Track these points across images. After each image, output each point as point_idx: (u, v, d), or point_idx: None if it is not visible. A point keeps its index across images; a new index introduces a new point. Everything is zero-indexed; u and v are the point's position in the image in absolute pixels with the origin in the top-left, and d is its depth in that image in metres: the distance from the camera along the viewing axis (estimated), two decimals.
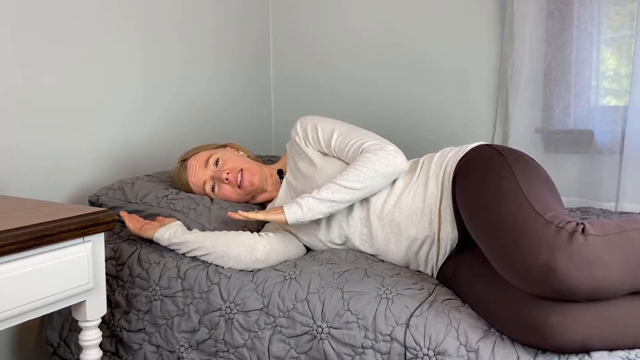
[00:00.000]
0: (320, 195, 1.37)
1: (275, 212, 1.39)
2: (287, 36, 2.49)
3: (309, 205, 1.37)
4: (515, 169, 1.24)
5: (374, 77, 2.32)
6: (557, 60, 1.94)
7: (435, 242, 1.39)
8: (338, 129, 1.52)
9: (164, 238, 1.45)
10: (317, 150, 1.56)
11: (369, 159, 1.40)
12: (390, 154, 1.41)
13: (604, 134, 1.89)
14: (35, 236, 1.06)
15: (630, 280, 1.02)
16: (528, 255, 1.04)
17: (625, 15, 1.87)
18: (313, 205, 1.37)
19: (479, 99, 2.13)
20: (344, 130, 1.51)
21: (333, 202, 1.38)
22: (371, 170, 1.38)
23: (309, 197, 1.37)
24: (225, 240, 1.41)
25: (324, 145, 1.53)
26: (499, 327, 1.12)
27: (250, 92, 2.44)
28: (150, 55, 1.96)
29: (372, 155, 1.40)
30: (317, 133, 1.54)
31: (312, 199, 1.37)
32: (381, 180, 1.41)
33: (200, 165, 1.60)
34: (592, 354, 1.03)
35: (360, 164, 1.39)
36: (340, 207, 1.40)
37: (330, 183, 1.38)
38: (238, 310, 1.32)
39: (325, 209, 1.38)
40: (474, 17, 2.10)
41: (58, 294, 1.12)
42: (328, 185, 1.38)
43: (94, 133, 1.78)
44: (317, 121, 1.55)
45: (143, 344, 1.44)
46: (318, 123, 1.55)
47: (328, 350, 1.22)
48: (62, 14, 1.66)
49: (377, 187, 1.42)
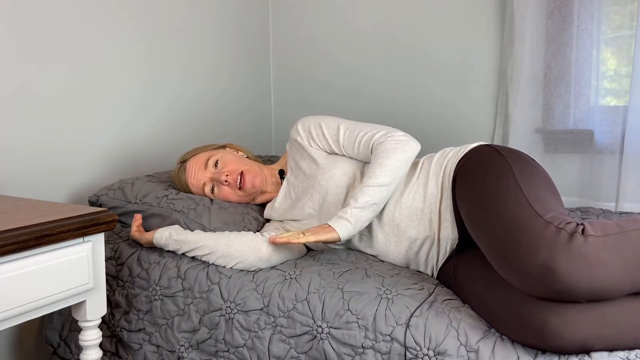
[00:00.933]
0: (361, 203, 1.35)
1: (325, 232, 1.34)
2: (287, 34, 2.49)
3: (356, 216, 1.35)
4: (515, 169, 1.24)
5: (374, 76, 2.32)
6: (557, 60, 1.94)
7: (435, 242, 1.39)
8: (343, 125, 1.52)
9: (164, 236, 1.44)
10: (322, 149, 1.55)
11: (387, 150, 1.40)
12: (403, 139, 1.43)
13: (604, 134, 1.89)
14: (35, 236, 1.06)
15: (630, 281, 1.02)
16: (528, 256, 1.04)
17: (625, 15, 1.87)
18: (358, 215, 1.35)
19: (479, 99, 2.13)
20: (349, 125, 1.52)
21: (374, 205, 1.37)
22: (395, 161, 1.39)
23: (350, 209, 1.35)
24: (228, 241, 1.41)
25: (331, 142, 1.53)
26: (499, 328, 1.12)
27: (250, 90, 2.44)
28: (150, 54, 1.96)
29: (389, 146, 1.41)
30: (322, 131, 1.53)
31: (355, 209, 1.35)
32: (405, 167, 1.41)
33: (199, 167, 1.60)
34: (592, 354, 1.03)
35: (382, 158, 1.40)
36: (380, 207, 1.39)
37: (364, 187, 1.37)
38: (238, 310, 1.32)
39: (369, 214, 1.37)
40: (474, 16, 2.10)
41: (58, 294, 1.12)
42: (362, 190, 1.36)
43: (94, 133, 1.78)
44: (319, 120, 1.55)
45: (143, 344, 1.44)
46: (321, 122, 1.55)
47: (328, 350, 1.22)
48: (61, 14, 1.66)
49: (403, 175, 1.42)
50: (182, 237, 1.43)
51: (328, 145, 1.53)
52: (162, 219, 1.53)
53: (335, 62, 2.39)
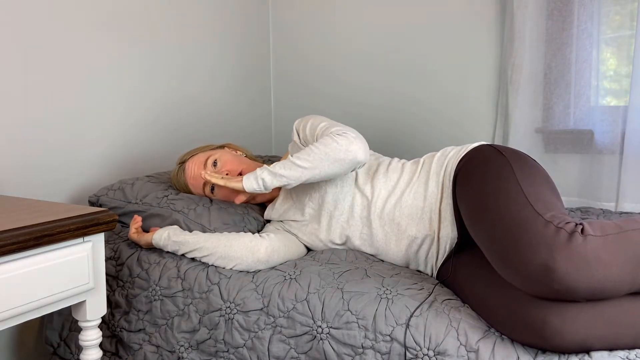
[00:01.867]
0: (274, 169, 1.39)
1: (235, 180, 1.43)
2: (287, 36, 2.49)
3: (263, 176, 1.39)
4: (516, 169, 1.24)
5: (374, 77, 2.32)
6: (557, 60, 1.94)
7: (435, 241, 1.39)
8: (326, 122, 1.51)
9: (163, 237, 1.45)
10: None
11: (324, 141, 1.40)
12: (346, 139, 1.38)
13: (604, 134, 1.89)
14: (35, 236, 1.06)
15: (629, 280, 1.02)
16: (527, 255, 1.04)
17: (625, 15, 1.87)
18: (267, 177, 1.39)
19: (479, 99, 2.13)
20: (331, 124, 1.50)
21: (283, 177, 1.39)
22: (322, 152, 1.38)
23: (265, 169, 1.40)
24: (227, 242, 1.41)
25: (310, 138, 1.51)
26: (499, 327, 1.12)
27: (250, 92, 2.44)
28: (149, 54, 1.96)
29: (328, 139, 1.40)
30: (307, 129, 1.53)
31: (267, 171, 1.40)
32: (332, 165, 1.38)
33: (198, 167, 1.60)
34: (592, 354, 1.03)
35: (315, 145, 1.40)
36: (292, 183, 1.40)
37: (289, 160, 1.40)
38: (238, 311, 1.32)
39: (276, 182, 1.40)
40: (474, 17, 2.10)
41: (58, 294, 1.12)
42: (284, 161, 1.41)
43: (94, 133, 1.78)
44: (310, 118, 1.55)
45: (143, 344, 1.44)
46: (310, 119, 1.54)
47: (328, 350, 1.22)
48: (61, 14, 1.66)
49: (329, 172, 1.39)
50: (180, 239, 1.43)
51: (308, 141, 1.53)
52: (162, 219, 1.53)
53: (335, 64, 2.39)
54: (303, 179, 1.40)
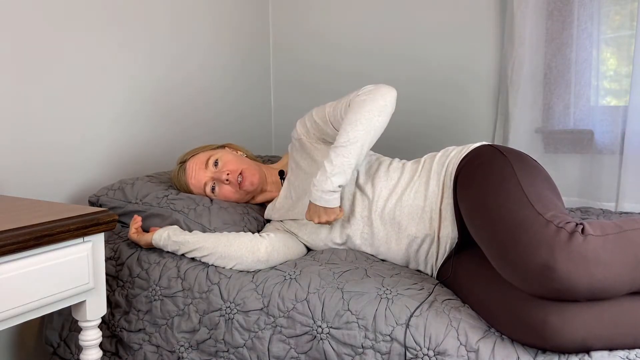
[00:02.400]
0: (336, 165, 1.35)
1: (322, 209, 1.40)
2: (288, 34, 2.49)
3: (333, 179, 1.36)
4: (517, 169, 1.24)
5: (374, 77, 2.31)
6: (557, 60, 1.94)
7: (435, 241, 1.39)
8: (329, 104, 1.51)
9: (163, 237, 1.45)
10: (320, 139, 1.55)
11: (356, 104, 1.39)
12: (371, 89, 1.41)
13: (604, 134, 1.89)
14: (35, 236, 1.06)
15: (629, 280, 1.02)
16: (527, 255, 1.04)
17: (625, 15, 1.87)
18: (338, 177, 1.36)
19: (479, 99, 2.13)
20: (333, 103, 1.51)
21: (345, 164, 1.35)
22: (366, 112, 1.37)
23: (326, 171, 1.36)
24: (227, 242, 1.41)
25: (322, 124, 1.51)
26: (499, 327, 1.12)
27: (250, 92, 2.44)
28: (149, 55, 1.96)
29: (358, 99, 1.39)
30: (313, 118, 1.53)
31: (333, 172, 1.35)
32: (380, 116, 1.37)
33: (199, 167, 1.60)
34: (592, 353, 1.03)
35: (350, 115, 1.38)
36: (354, 162, 1.36)
37: (336, 148, 1.36)
38: (238, 311, 1.32)
39: (349, 171, 1.36)
40: (474, 17, 2.10)
41: (58, 294, 1.12)
42: (333, 150, 1.36)
43: (94, 133, 1.78)
44: (311, 111, 1.56)
45: (143, 344, 1.44)
46: (312, 111, 1.55)
47: (328, 350, 1.22)
48: (60, 13, 1.66)
49: (380, 126, 1.38)
50: (180, 239, 1.43)
51: (320, 129, 1.52)
52: (162, 219, 1.53)
53: (336, 63, 2.39)
54: (365, 149, 1.38)
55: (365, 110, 1.37)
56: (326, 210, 1.39)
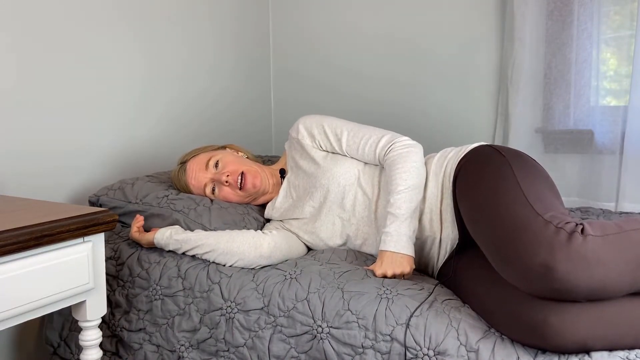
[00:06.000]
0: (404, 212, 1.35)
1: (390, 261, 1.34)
2: (288, 33, 2.49)
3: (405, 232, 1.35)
4: (516, 169, 1.24)
5: (374, 76, 2.32)
6: (557, 60, 1.94)
7: (436, 242, 1.39)
8: (346, 127, 1.53)
9: (165, 236, 1.45)
10: (323, 149, 1.55)
11: (400, 156, 1.42)
12: (410, 143, 1.46)
13: (604, 134, 1.89)
14: (35, 236, 1.06)
15: (629, 280, 1.02)
16: (527, 255, 1.04)
17: (625, 15, 1.87)
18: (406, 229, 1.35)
19: (479, 99, 2.13)
20: (352, 128, 1.53)
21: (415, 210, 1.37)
22: (413, 162, 1.41)
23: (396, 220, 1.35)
24: (229, 238, 1.41)
25: (334, 144, 1.53)
26: (499, 327, 1.12)
27: (250, 90, 2.44)
28: (149, 54, 1.96)
29: (402, 151, 1.43)
30: (325, 132, 1.54)
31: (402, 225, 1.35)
32: (423, 168, 1.43)
33: (200, 168, 1.60)
34: (592, 354, 1.03)
35: (399, 164, 1.40)
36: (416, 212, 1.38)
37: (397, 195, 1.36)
38: (239, 310, 1.32)
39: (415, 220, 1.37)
40: (474, 17, 2.10)
41: (58, 294, 1.12)
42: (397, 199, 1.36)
43: (94, 133, 1.78)
44: (321, 121, 1.55)
45: (143, 344, 1.44)
46: (324, 122, 1.55)
47: (328, 350, 1.22)
48: (60, 14, 1.66)
49: (424, 175, 1.43)
50: (182, 237, 1.43)
51: (331, 146, 1.54)
52: (162, 219, 1.53)
53: (336, 63, 2.39)
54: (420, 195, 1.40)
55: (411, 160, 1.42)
56: (402, 261, 1.33)
